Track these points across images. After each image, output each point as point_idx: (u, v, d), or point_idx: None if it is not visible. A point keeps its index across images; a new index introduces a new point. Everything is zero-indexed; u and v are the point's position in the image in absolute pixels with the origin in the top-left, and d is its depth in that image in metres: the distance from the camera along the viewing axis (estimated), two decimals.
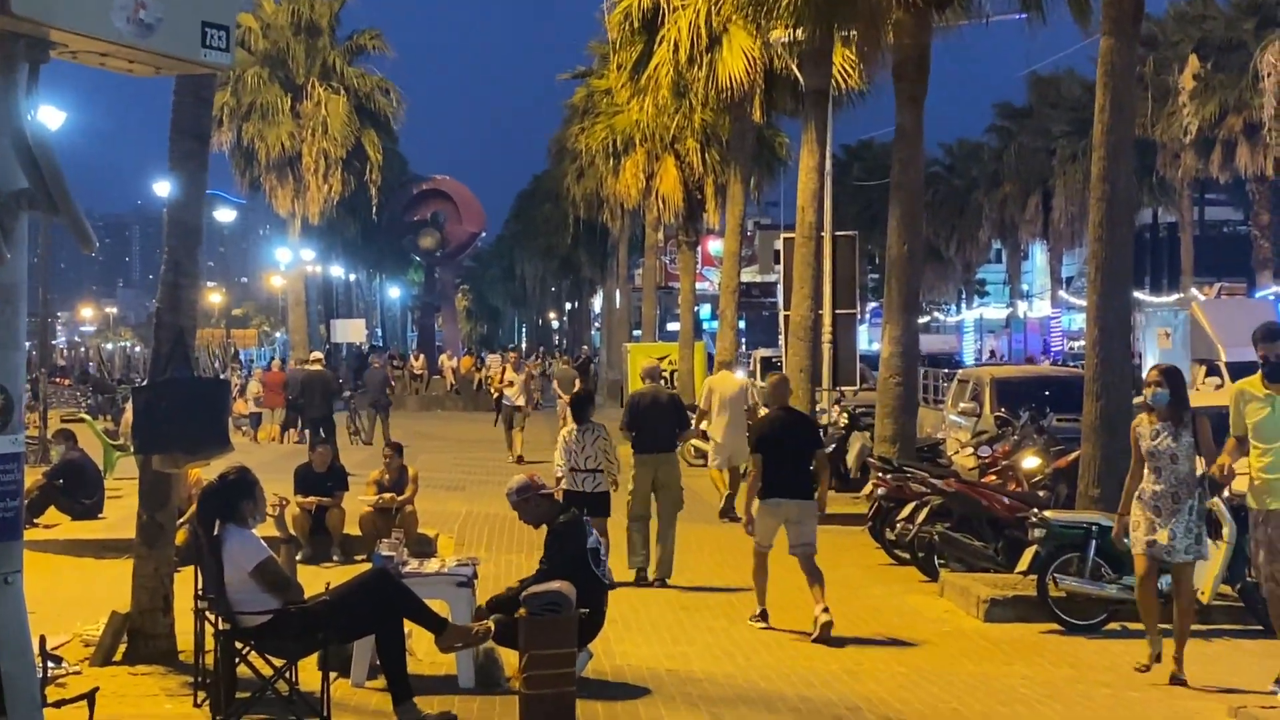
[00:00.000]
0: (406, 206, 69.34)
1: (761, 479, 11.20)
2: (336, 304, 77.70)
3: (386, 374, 34.77)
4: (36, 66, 5.56)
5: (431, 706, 8.02)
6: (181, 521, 10.13)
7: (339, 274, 76.84)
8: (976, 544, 12.92)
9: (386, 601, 8.03)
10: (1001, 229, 63.08)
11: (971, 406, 21.17)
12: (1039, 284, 71.07)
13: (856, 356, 24.01)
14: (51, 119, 20.88)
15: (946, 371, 31.82)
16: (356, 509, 14.72)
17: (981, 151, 63.96)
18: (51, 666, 8.32)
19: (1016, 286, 69.40)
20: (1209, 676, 9.24)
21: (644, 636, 10.81)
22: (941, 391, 27.23)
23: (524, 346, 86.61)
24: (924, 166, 20.26)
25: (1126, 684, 9.34)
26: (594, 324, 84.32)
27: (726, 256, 31.15)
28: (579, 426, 13.00)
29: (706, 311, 60.38)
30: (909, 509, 13.70)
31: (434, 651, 8.66)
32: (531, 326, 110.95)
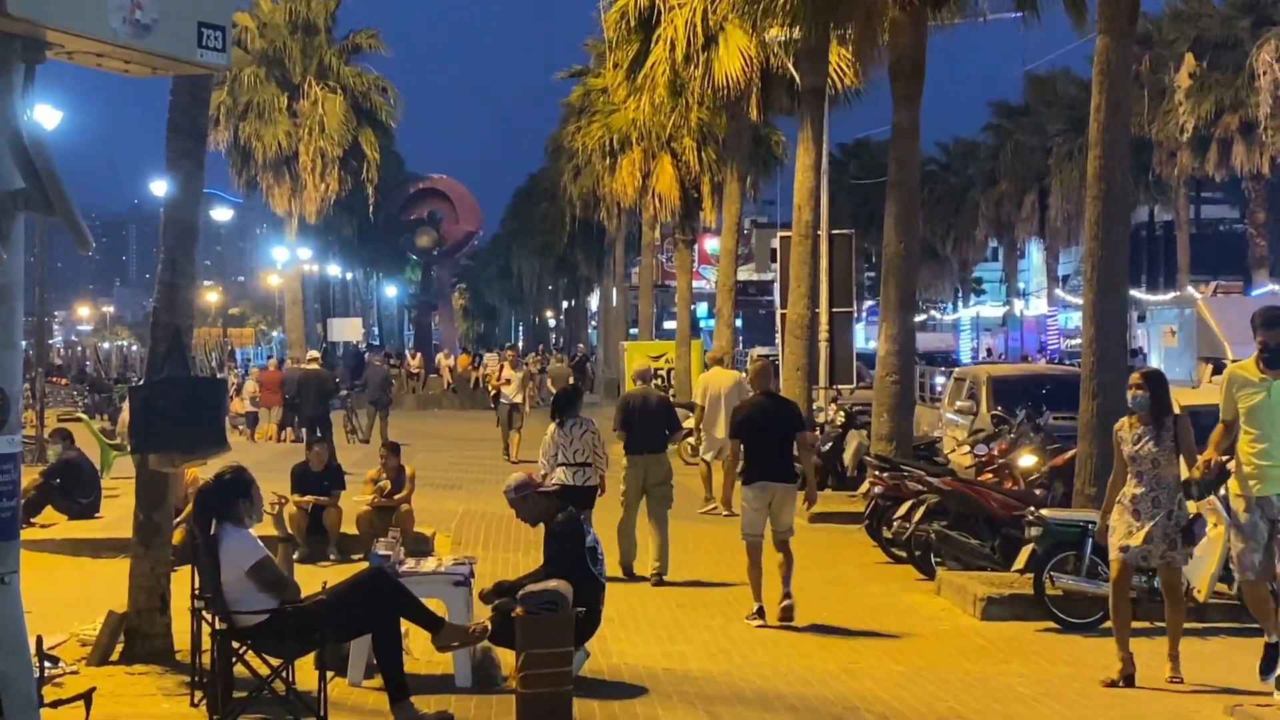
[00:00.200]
0: (403, 205, 69.36)
1: (746, 463, 11.49)
2: (333, 303, 77.69)
3: (388, 373, 34.76)
4: (33, 67, 5.56)
5: (428, 706, 8.03)
6: (178, 521, 10.15)
7: (336, 273, 76.81)
8: (973, 542, 12.93)
9: (383, 601, 8.04)
10: (998, 227, 63.11)
11: (968, 405, 21.16)
12: (1035, 282, 71.11)
13: (853, 355, 24.04)
14: (48, 118, 20.88)
15: (943, 370, 31.82)
16: (353, 508, 14.72)
17: (978, 150, 63.98)
18: (48, 666, 8.32)
19: (1013, 285, 69.42)
20: (1205, 675, 9.24)
21: (641, 635, 10.82)
22: (938, 390, 27.22)
23: (521, 345, 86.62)
24: (920, 165, 20.28)
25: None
26: (591, 322, 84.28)
27: (723, 255, 31.17)
28: (566, 421, 13.15)
29: (703, 310, 60.35)
30: (905, 507, 13.71)
31: (431, 650, 8.67)
32: (528, 325, 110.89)
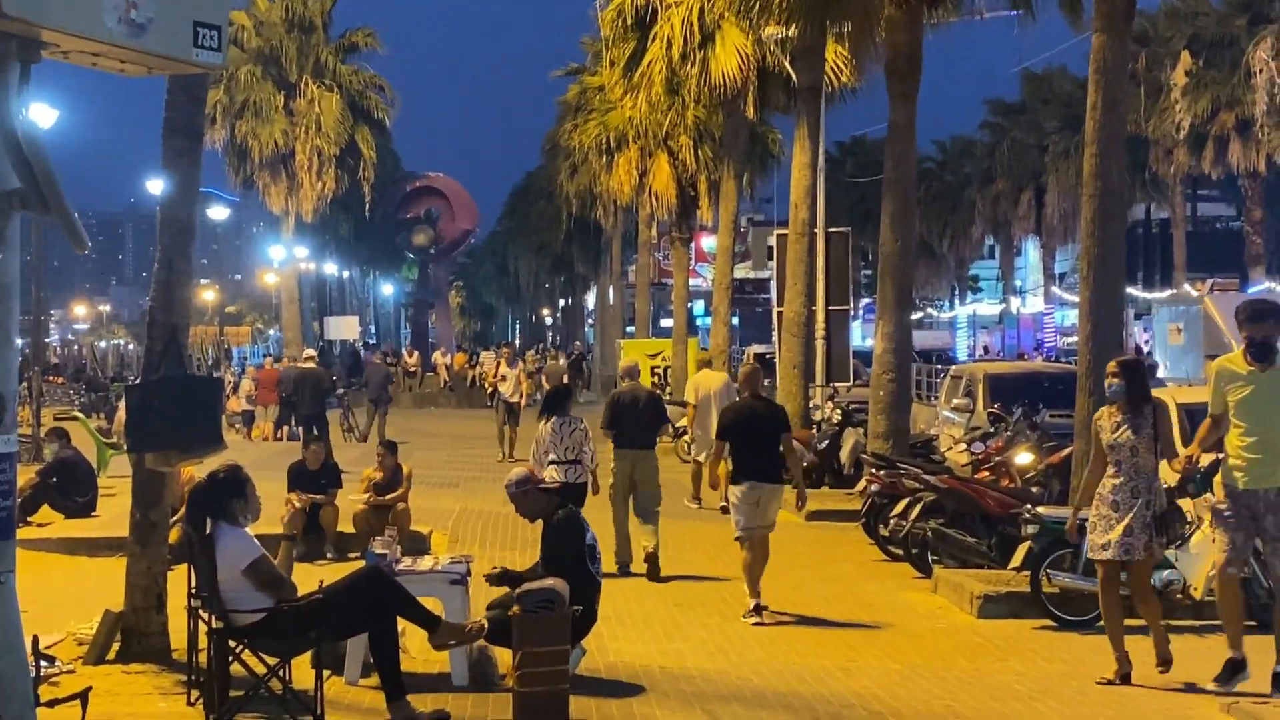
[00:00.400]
0: (400, 203, 69.37)
1: (735, 464, 11.83)
2: (330, 301, 77.67)
3: (389, 371, 34.73)
4: (28, 66, 5.55)
5: (425, 704, 8.04)
6: (175, 520, 10.13)
7: (332, 271, 76.75)
8: (970, 540, 12.93)
9: (380, 599, 8.04)
10: (994, 225, 63.11)
11: (965, 402, 21.18)
12: (1032, 280, 71.11)
13: (850, 353, 24.06)
14: (44, 117, 20.84)
15: (940, 367, 31.80)
16: (350, 507, 14.73)
17: (974, 148, 63.99)
18: (45, 665, 8.31)
19: (1009, 282, 69.44)
20: (1203, 672, 9.21)
21: (637, 633, 10.83)
22: (935, 388, 27.23)
23: (517, 343, 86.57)
24: (917, 163, 20.27)
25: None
26: (588, 320, 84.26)
27: (720, 253, 31.16)
28: (557, 419, 13.38)
29: (700, 308, 60.38)
30: (902, 505, 13.71)
31: (427, 649, 8.68)
32: (525, 323, 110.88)
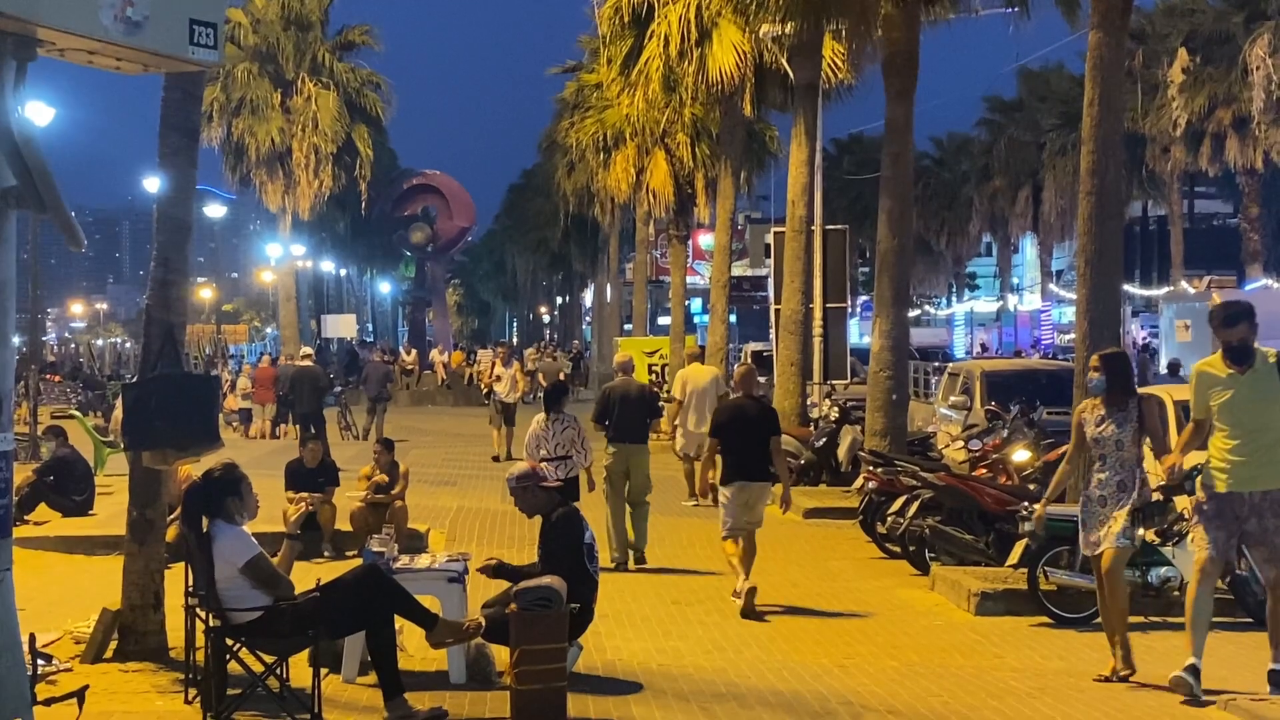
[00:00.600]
0: (397, 201, 69.21)
1: (725, 463, 12.08)
2: (327, 299, 77.62)
3: (389, 369, 34.69)
4: (24, 64, 5.55)
5: (422, 702, 8.03)
6: (172, 518, 10.12)
7: (329, 269, 76.69)
8: (967, 537, 12.95)
9: (377, 597, 8.03)
10: (991, 222, 63.14)
11: (962, 400, 21.20)
12: (1029, 277, 71.16)
13: (847, 350, 24.09)
14: (40, 115, 20.83)
15: (937, 365, 31.80)
16: (347, 505, 14.73)
17: (971, 145, 64.02)
18: (42, 664, 8.30)
19: (1007, 280, 69.44)
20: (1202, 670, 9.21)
21: (635, 631, 10.83)
22: (933, 385, 27.23)
23: (515, 341, 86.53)
24: (914, 160, 20.28)
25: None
26: (585, 318, 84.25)
27: (717, 250, 31.15)
28: (550, 416, 13.62)
29: (698, 305, 60.37)
30: (900, 503, 13.73)
31: (425, 647, 8.67)
32: (522, 321, 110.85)
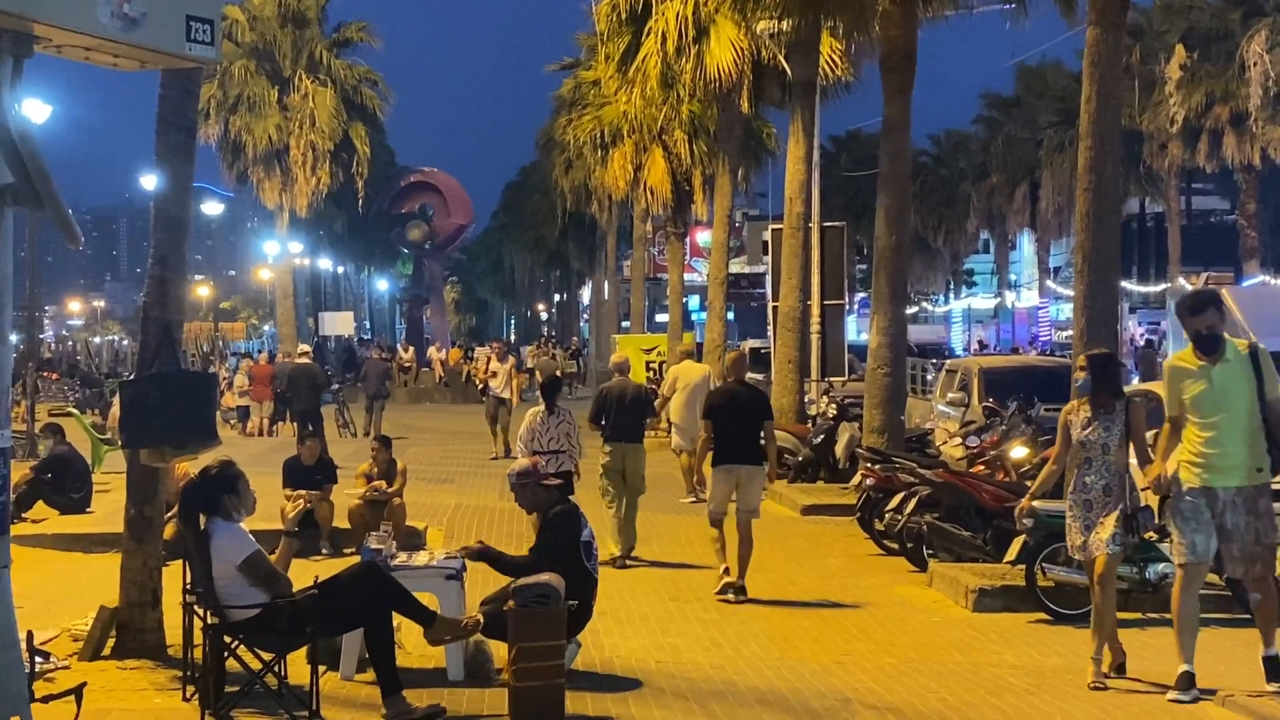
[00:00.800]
0: (394, 199, 69.22)
1: (715, 446, 12.19)
2: (325, 296, 77.58)
3: (387, 366, 34.68)
4: (20, 61, 5.54)
5: (421, 699, 8.03)
6: (170, 515, 10.12)
7: (327, 266, 76.68)
8: (965, 534, 12.94)
9: (375, 594, 8.03)
10: (989, 219, 63.14)
11: (960, 397, 21.18)
12: (1027, 274, 71.16)
13: (845, 347, 24.11)
14: (38, 113, 20.84)
15: (935, 362, 31.81)
16: (345, 502, 14.72)
17: (969, 142, 64.04)
18: (39, 661, 8.31)
19: (1004, 276, 69.47)
20: (1197, 665, 9.20)
21: (633, 628, 10.83)
22: (930, 382, 27.23)
23: (513, 338, 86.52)
24: (911, 157, 20.27)
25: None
26: (583, 316, 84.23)
27: (715, 248, 31.11)
28: (546, 411, 13.80)
29: (695, 303, 60.37)
30: (897, 499, 13.74)
31: (423, 644, 8.67)
32: (520, 318, 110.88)
